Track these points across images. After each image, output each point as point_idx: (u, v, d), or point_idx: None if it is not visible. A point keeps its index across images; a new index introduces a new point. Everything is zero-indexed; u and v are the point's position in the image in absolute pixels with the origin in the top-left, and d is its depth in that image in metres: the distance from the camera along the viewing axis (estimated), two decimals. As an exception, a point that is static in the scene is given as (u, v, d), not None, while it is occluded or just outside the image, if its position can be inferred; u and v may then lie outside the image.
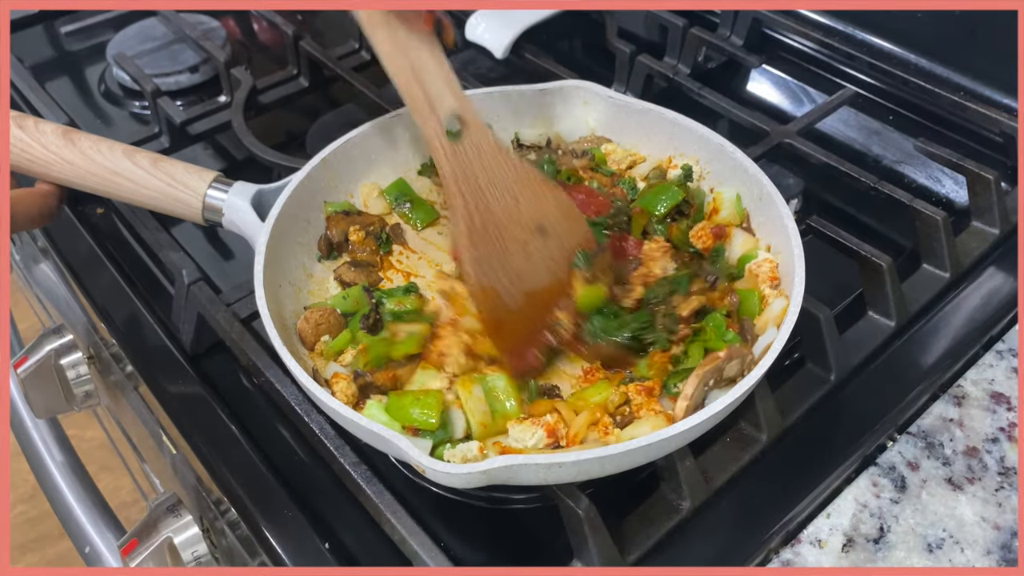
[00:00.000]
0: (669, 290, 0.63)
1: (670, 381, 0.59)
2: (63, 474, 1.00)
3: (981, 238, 0.77)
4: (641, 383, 0.59)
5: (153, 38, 1.06)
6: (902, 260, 0.77)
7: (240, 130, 0.89)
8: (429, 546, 0.55)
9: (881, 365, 0.68)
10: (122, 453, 1.18)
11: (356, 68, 0.98)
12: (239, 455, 0.64)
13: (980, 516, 0.59)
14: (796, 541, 0.58)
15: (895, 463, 0.62)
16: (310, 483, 0.63)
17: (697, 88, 0.90)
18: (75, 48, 1.14)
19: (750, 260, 0.65)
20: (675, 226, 0.69)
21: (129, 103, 1.04)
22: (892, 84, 0.95)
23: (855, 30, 0.98)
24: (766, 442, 0.62)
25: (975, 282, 0.74)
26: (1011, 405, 0.65)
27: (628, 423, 0.57)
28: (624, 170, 0.75)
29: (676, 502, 0.59)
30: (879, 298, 0.70)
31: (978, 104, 0.86)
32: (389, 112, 0.73)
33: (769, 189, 0.65)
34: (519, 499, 0.63)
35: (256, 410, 0.68)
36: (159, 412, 0.70)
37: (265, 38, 1.15)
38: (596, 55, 1.04)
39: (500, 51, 0.98)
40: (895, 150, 0.92)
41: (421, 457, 0.50)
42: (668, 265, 0.66)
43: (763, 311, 0.62)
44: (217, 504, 0.66)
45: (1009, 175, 0.84)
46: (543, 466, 0.50)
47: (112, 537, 0.93)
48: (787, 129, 0.84)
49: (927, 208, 0.73)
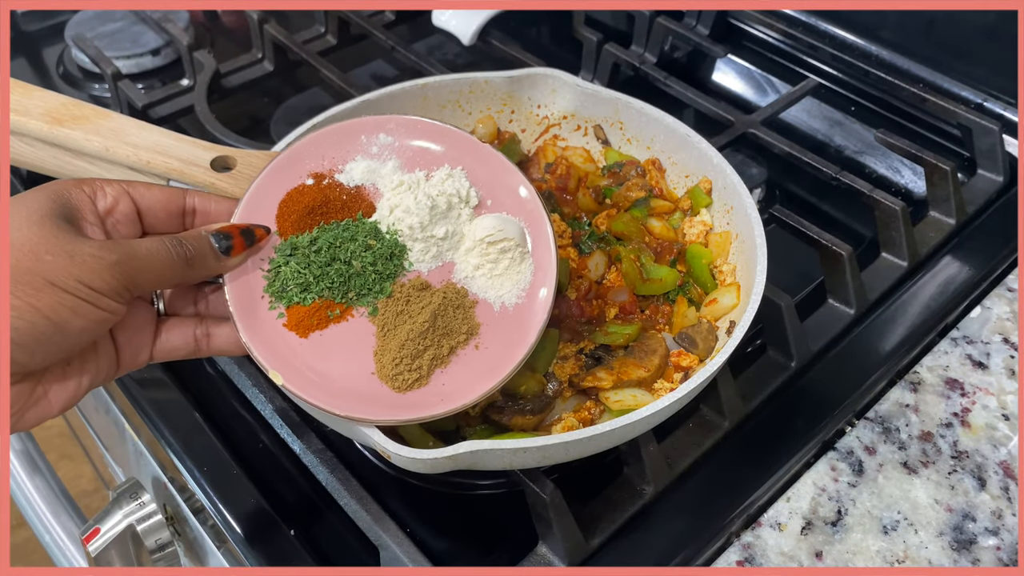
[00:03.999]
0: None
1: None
2: (23, 462, 0.98)
3: (938, 228, 0.79)
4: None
5: (113, 19, 1.04)
6: (862, 249, 0.79)
7: (203, 114, 0.87)
8: (395, 532, 0.55)
9: (841, 352, 0.69)
10: (83, 441, 1.17)
11: (321, 52, 0.97)
12: (202, 441, 0.63)
13: (934, 499, 0.61)
14: (757, 524, 0.59)
15: (853, 448, 0.64)
16: (274, 470, 0.63)
17: (663, 77, 0.90)
18: (32, 29, 1.12)
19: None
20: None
21: (89, 85, 1.02)
22: (854, 75, 0.96)
23: (818, 21, 0.99)
24: (728, 427, 0.63)
25: (932, 271, 0.75)
26: (964, 391, 0.67)
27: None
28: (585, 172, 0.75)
29: (640, 486, 0.59)
30: (839, 286, 0.71)
31: (937, 96, 0.88)
32: (355, 97, 0.72)
33: (733, 179, 0.66)
34: (485, 484, 0.64)
35: (219, 396, 0.67)
36: (120, 399, 0.70)
37: (229, 21, 1.13)
38: (563, 43, 1.04)
39: (467, 37, 0.98)
40: (856, 141, 0.93)
41: (386, 443, 0.50)
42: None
43: (718, 286, 0.64)
44: (181, 491, 0.66)
45: (966, 166, 0.86)
46: (508, 451, 0.50)
47: (73, 526, 0.92)
48: (751, 119, 0.84)
49: (886, 198, 0.74)
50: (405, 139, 0.61)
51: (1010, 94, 0.88)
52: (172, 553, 0.71)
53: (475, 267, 0.56)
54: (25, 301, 0.42)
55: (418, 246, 0.56)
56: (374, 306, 0.54)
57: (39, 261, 0.43)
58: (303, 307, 0.54)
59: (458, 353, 0.54)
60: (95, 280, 0.44)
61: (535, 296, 0.56)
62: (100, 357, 0.49)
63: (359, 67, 1.05)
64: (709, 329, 0.62)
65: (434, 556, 0.56)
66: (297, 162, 0.59)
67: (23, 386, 0.45)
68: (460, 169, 0.59)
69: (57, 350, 0.45)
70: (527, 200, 0.59)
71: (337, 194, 0.58)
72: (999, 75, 0.88)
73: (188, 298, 0.55)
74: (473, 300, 0.56)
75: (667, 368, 0.61)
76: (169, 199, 0.52)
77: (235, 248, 0.52)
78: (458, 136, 0.61)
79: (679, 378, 0.60)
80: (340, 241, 0.55)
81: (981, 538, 0.59)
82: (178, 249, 0.49)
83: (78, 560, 0.90)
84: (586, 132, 0.77)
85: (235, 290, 0.53)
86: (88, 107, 0.59)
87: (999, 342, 0.71)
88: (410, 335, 0.53)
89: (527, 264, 0.57)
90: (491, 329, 0.55)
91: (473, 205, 0.58)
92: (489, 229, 0.56)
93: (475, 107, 0.76)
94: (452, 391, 0.52)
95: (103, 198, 0.50)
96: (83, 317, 0.44)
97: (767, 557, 0.58)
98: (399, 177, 0.59)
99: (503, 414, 0.57)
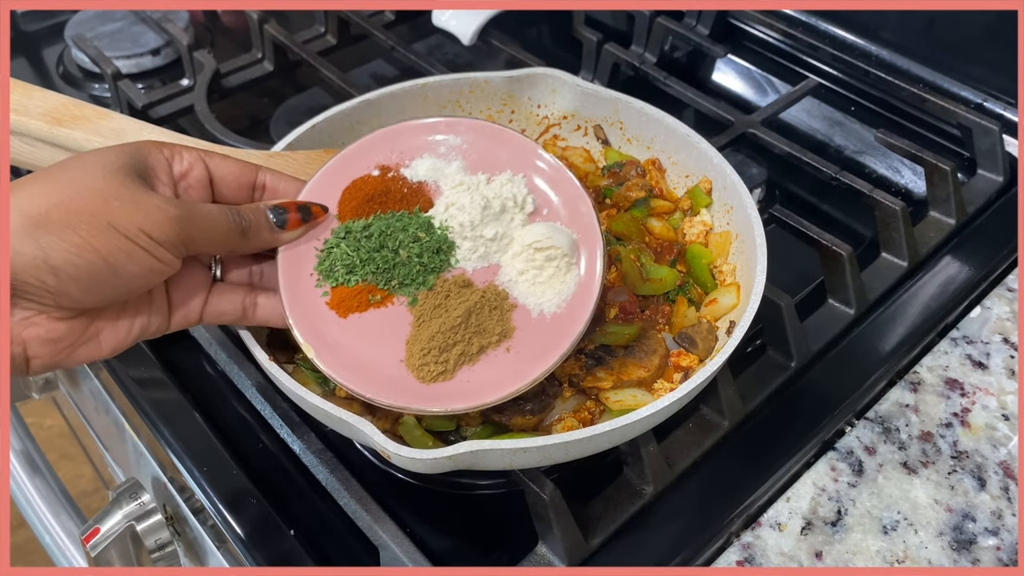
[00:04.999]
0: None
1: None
2: (22, 462, 0.98)
3: (938, 228, 0.79)
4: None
5: (113, 19, 1.04)
6: (862, 249, 0.79)
7: (203, 114, 0.87)
8: (395, 532, 0.55)
9: (841, 352, 0.69)
10: (83, 441, 1.17)
11: (321, 52, 0.97)
12: (202, 441, 0.63)
13: (933, 499, 0.61)
14: (756, 524, 0.59)
15: (853, 448, 0.64)
16: (274, 470, 0.63)
17: (663, 77, 0.90)
18: (31, 29, 1.12)
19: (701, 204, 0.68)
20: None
21: (89, 85, 1.02)
22: (854, 75, 0.96)
23: (818, 21, 0.99)
24: (728, 427, 0.63)
25: (932, 271, 0.75)
26: (964, 391, 0.67)
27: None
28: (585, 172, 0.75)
29: (640, 486, 0.59)
30: (839, 286, 0.71)
31: (937, 96, 0.88)
32: (355, 97, 0.72)
33: (733, 178, 0.66)
34: (485, 484, 0.64)
35: (219, 396, 0.67)
36: (120, 399, 0.69)
37: (229, 21, 1.13)
38: (563, 43, 1.04)
39: (467, 37, 0.98)
40: (856, 141, 0.93)
41: (386, 443, 0.50)
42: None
43: (719, 286, 0.64)
44: (181, 491, 0.66)
45: (966, 166, 0.86)
46: (508, 451, 0.50)
47: (73, 526, 0.92)
48: (751, 119, 0.84)
49: (886, 198, 0.74)
50: (474, 142, 0.62)
51: (1010, 94, 0.88)
52: (172, 553, 0.71)
53: (520, 272, 0.57)
54: (86, 240, 0.44)
55: (466, 244, 0.57)
56: (414, 296, 0.55)
57: (105, 205, 0.45)
58: (347, 288, 0.55)
59: (488, 353, 0.54)
60: (154, 230, 0.46)
61: (575, 307, 0.56)
62: (154, 309, 0.52)
63: (359, 67, 1.05)
64: (709, 329, 0.62)
65: (434, 556, 0.56)
66: (367, 153, 0.61)
67: (77, 322, 0.47)
68: (521, 176, 0.60)
69: (111, 292, 0.47)
70: (584, 215, 0.59)
71: (398, 186, 0.60)
72: (999, 75, 0.88)
73: (244, 268, 0.57)
74: (512, 304, 0.56)
75: (667, 368, 0.61)
76: (242, 172, 0.55)
77: (290, 223, 0.55)
78: (526, 144, 0.62)
79: (679, 378, 0.60)
80: (391, 230, 0.56)
81: (981, 538, 0.59)
82: (236, 218, 0.51)
83: (78, 560, 0.90)
84: (586, 132, 0.77)
85: (287, 264, 0.56)
86: (88, 107, 0.59)
87: (999, 342, 0.71)
88: (441, 328, 0.53)
89: (572, 275, 0.57)
90: (525, 334, 0.55)
91: (528, 212, 0.59)
92: (538, 235, 0.57)
93: (475, 107, 0.76)
94: (475, 389, 0.53)
95: (179, 162, 0.52)
96: (137, 263, 0.46)
97: (767, 557, 0.58)
98: (461, 177, 0.60)
99: (503, 414, 0.57)
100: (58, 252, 0.44)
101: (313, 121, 0.69)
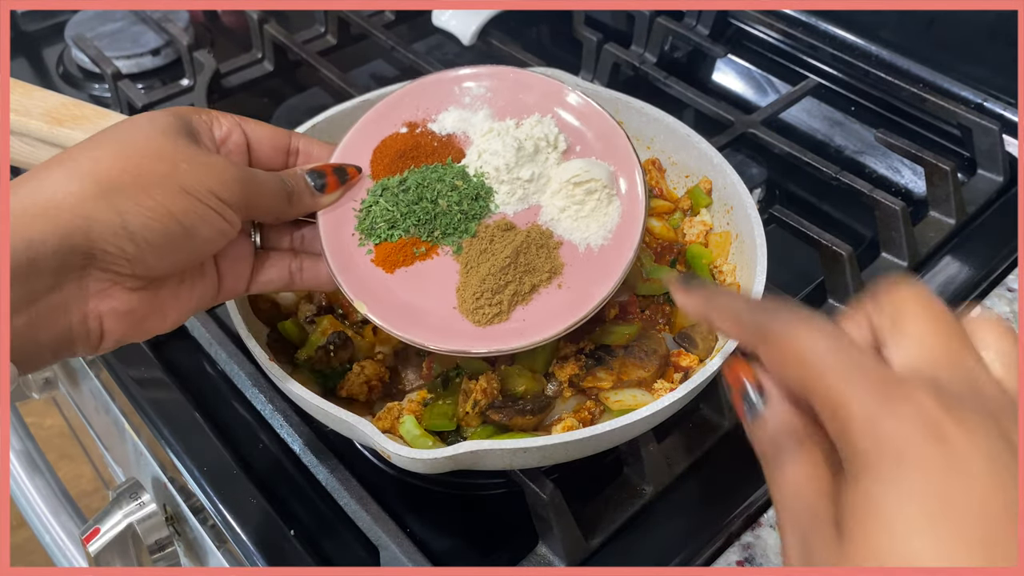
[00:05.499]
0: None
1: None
2: (22, 462, 0.98)
3: (938, 228, 0.79)
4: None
5: (113, 19, 1.04)
6: (862, 249, 0.79)
7: (203, 114, 0.87)
8: (395, 532, 0.55)
9: (840, 352, 0.69)
10: (83, 441, 1.17)
11: (321, 52, 0.97)
12: (202, 441, 0.63)
13: (934, 499, 0.61)
14: (757, 524, 0.59)
15: (853, 448, 0.63)
16: (274, 470, 0.63)
17: (663, 77, 0.90)
18: (31, 29, 1.12)
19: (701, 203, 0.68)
20: None
21: (89, 85, 1.02)
22: (854, 75, 0.96)
23: (818, 21, 0.99)
24: (728, 427, 0.63)
25: (932, 271, 0.75)
26: (965, 391, 0.67)
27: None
28: None
29: (639, 486, 0.59)
30: (839, 286, 0.71)
31: (937, 96, 0.88)
32: (355, 97, 0.72)
33: (733, 178, 0.66)
34: (485, 484, 0.64)
35: (219, 396, 0.67)
36: (120, 399, 0.69)
37: (229, 21, 1.13)
38: (563, 43, 1.04)
39: (467, 38, 0.98)
40: (856, 141, 0.93)
41: (386, 443, 0.50)
42: None
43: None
44: (181, 491, 0.66)
45: (966, 166, 0.86)
46: (508, 451, 0.50)
47: (73, 526, 0.92)
48: (751, 119, 0.84)
49: (886, 198, 0.74)
50: (498, 89, 0.62)
51: (1010, 94, 0.88)
52: (172, 553, 0.71)
53: (561, 209, 0.57)
54: (161, 203, 0.44)
55: (504, 188, 0.57)
56: (459, 245, 0.55)
57: (175, 168, 0.45)
58: (390, 243, 0.55)
59: (540, 291, 0.54)
60: (224, 191, 0.47)
61: (622, 237, 0.56)
62: (206, 280, 0.51)
63: (359, 67, 1.05)
64: (709, 329, 0.62)
65: (434, 556, 0.56)
66: (392, 111, 0.61)
67: (147, 292, 0.47)
68: (550, 117, 0.60)
69: (183, 257, 0.47)
70: (619, 147, 0.59)
71: (428, 140, 0.60)
72: (999, 75, 0.88)
73: (283, 235, 0.57)
74: (558, 241, 0.56)
75: (667, 368, 0.61)
76: (277, 136, 0.55)
77: (329, 186, 0.55)
78: (551, 85, 0.61)
79: (679, 378, 0.60)
80: (428, 181, 0.57)
81: (981, 538, 0.58)
82: (282, 184, 0.52)
83: (78, 560, 0.90)
84: (586, 132, 0.77)
85: (328, 226, 0.56)
86: (88, 107, 0.59)
87: (999, 342, 0.70)
88: (491, 271, 0.54)
89: (614, 206, 0.57)
90: (575, 269, 0.55)
91: (562, 150, 0.59)
92: (575, 170, 0.56)
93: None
94: (531, 326, 0.53)
95: (219, 127, 0.52)
96: (210, 225, 0.46)
97: (767, 557, 0.58)
98: (490, 124, 0.60)
99: (503, 414, 0.57)
100: (135, 217, 0.43)
101: (313, 121, 0.69)
